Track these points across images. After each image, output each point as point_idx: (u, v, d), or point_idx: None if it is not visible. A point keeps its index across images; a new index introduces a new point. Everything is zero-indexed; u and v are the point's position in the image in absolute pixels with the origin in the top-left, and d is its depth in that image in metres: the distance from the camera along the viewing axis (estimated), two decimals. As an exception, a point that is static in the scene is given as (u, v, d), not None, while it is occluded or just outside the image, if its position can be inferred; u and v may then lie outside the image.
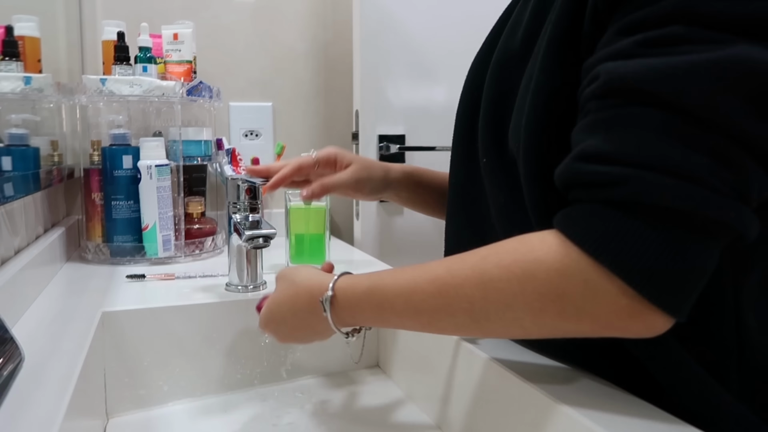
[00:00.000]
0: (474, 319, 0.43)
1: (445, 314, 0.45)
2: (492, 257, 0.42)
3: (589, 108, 0.40)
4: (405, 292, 0.47)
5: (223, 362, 0.74)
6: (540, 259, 0.39)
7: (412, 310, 0.47)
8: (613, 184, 0.36)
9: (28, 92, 0.85)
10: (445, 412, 0.63)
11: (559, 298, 0.38)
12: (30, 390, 0.47)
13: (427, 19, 1.22)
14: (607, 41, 0.40)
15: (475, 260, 0.43)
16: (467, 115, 0.64)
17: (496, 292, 0.41)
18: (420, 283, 0.46)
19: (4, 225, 0.72)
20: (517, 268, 0.40)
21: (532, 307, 0.40)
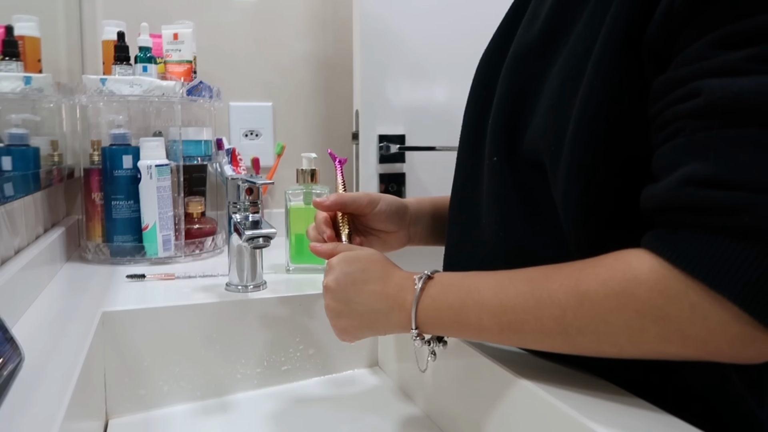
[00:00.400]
0: (563, 328, 0.42)
1: (533, 317, 0.43)
2: (588, 269, 0.41)
3: (685, 126, 0.38)
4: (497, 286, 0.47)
5: (223, 362, 0.74)
6: (639, 278, 0.38)
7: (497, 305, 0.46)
8: (730, 211, 0.35)
9: (28, 92, 0.85)
10: (445, 412, 0.63)
11: (660, 320, 0.38)
12: (30, 390, 0.47)
13: (427, 19, 1.22)
14: (697, 54, 0.38)
15: (570, 269, 0.43)
16: (477, 113, 0.63)
17: (591, 304, 0.40)
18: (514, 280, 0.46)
19: (4, 225, 0.72)
20: (615, 284, 0.39)
21: (630, 325, 0.39)
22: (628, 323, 0.39)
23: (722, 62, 0.37)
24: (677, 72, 0.39)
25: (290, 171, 1.15)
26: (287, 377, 0.78)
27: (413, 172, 1.24)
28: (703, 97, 0.37)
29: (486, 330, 0.47)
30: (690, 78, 0.38)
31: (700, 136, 0.37)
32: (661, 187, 0.39)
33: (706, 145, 0.37)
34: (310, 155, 0.94)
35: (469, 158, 0.63)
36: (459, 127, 0.68)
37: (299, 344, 0.78)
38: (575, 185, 0.46)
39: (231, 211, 0.79)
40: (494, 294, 0.46)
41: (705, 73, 0.37)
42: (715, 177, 0.36)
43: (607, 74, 0.43)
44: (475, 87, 0.65)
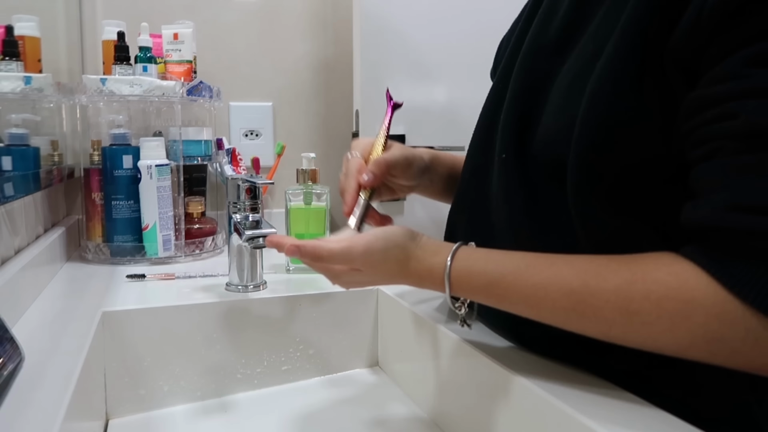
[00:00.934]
0: (607, 336, 0.43)
1: (575, 326, 0.44)
2: (638, 285, 0.40)
3: (723, 146, 0.38)
4: (531, 298, 0.46)
5: (224, 362, 0.74)
6: (697, 301, 0.38)
7: (534, 314, 0.46)
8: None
9: (28, 92, 0.85)
10: (445, 412, 0.63)
11: (714, 341, 0.38)
12: (30, 390, 0.47)
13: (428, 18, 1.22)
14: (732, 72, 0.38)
15: (618, 282, 0.41)
16: (491, 109, 0.62)
17: (642, 326, 0.40)
18: (550, 293, 0.44)
19: (4, 225, 0.72)
20: (670, 306, 0.39)
21: (680, 343, 0.39)
22: (679, 342, 0.39)
23: (761, 82, 0.37)
24: (712, 90, 0.39)
25: (290, 171, 1.15)
26: (287, 377, 0.78)
27: (413, 172, 1.24)
28: (741, 120, 0.37)
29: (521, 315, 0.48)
30: (726, 98, 0.38)
31: (743, 160, 0.37)
32: (706, 207, 0.39)
33: (747, 169, 0.37)
34: (310, 155, 0.94)
35: (479, 153, 0.63)
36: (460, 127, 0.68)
37: (299, 344, 0.78)
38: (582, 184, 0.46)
39: (231, 211, 0.79)
40: (528, 305, 0.46)
41: (742, 93, 0.37)
42: (761, 204, 0.36)
43: (619, 78, 0.43)
44: (495, 83, 0.65)
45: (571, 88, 0.48)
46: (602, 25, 0.47)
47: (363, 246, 0.52)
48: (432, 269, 0.51)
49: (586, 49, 0.48)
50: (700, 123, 0.40)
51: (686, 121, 0.41)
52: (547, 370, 0.50)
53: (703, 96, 0.40)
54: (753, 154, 0.37)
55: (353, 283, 0.57)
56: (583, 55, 0.48)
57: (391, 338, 0.79)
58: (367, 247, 0.52)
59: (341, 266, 0.54)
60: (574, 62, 0.49)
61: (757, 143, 0.36)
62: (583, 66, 0.47)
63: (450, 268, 0.50)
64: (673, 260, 0.40)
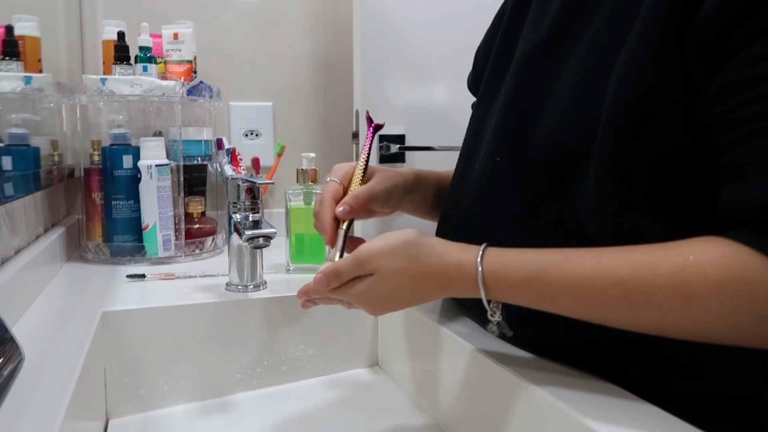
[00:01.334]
0: (659, 328, 0.41)
1: (625, 318, 0.42)
2: (693, 269, 0.39)
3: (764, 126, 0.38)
4: (577, 290, 0.43)
5: (224, 362, 0.74)
6: (758, 282, 0.37)
7: (582, 308, 0.43)
8: None
9: (28, 92, 0.85)
10: (445, 412, 0.63)
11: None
12: (30, 390, 0.47)
13: (428, 18, 1.22)
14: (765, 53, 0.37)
15: (670, 267, 0.40)
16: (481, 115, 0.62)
17: (701, 311, 0.39)
18: (598, 283, 0.42)
19: (4, 225, 0.72)
20: (729, 289, 0.38)
21: (740, 326, 0.38)
22: (739, 325, 0.38)
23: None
24: (746, 71, 0.38)
25: (290, 171, 1.15)
26: (287, 377, 0.78)
27: (413, 172, 1.24)
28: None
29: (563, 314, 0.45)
30: (761, 78, 0.38)
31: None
32: (753, 190, 0.38)
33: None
34: (310, 155, 0.94)
35: (467, 159, 0.63)
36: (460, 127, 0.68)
37: (299, 344, 0.78)
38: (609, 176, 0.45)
39: (231, 210, 0.79)
40: (574, 299, 0.43)
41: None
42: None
43: (646, 66, 0.43)
44: (483, 91, 0.65)
45: (586, 82, 0.47)
46: (613, 17, 0.46)
47: (367, 247, 0.51)
48: (461, 265, 0.47)
49: (598, 43, 0.48)
50: (734, 105, 0.39)
51: (716, 106, 0.40)
52: (547, 370, 0.50)
53: (736, 78, 0.39)
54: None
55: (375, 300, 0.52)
56: (596, 48, 0.48)
57: (391, 338, 0.79)
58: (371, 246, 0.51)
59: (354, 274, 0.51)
60: (585, 57, 0.48)
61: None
62: (601, 57, 0.46)
63: (482, 262, 0.46)
64: (723, 244, 0.39)
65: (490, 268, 0.46)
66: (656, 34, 0.42)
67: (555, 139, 0.49)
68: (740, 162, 0.39)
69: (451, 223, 0.65)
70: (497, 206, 0.56)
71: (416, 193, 0.71)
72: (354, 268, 0.51)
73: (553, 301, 0.44)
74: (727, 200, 0.40)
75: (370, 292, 0.51)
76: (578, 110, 0.47)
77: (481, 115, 0.62)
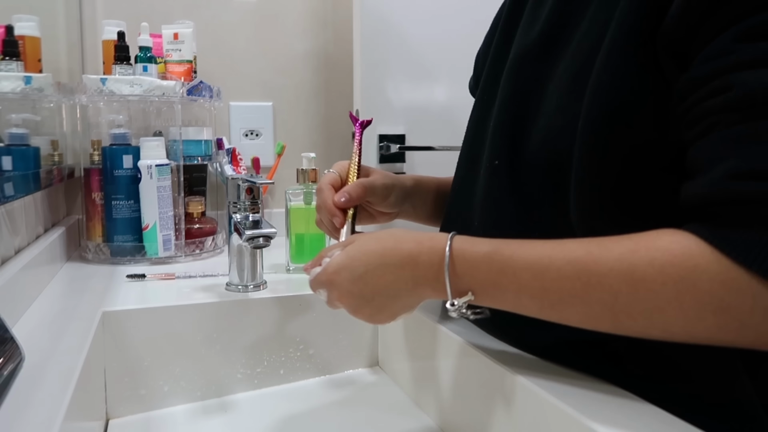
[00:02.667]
0: (612, 314, 0.41)
1: (579, 301, 0.42)
2: (641, 252, 0.39)
3: (719, 120, 0.38)
4: (535, 266, 0.43)
5: (224, 362, 0.74)
6: (701, 268, 0.37)
7: (538, 288, 0.44)
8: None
9: (28, 92, 0.85)
10: (445, 412, 0.63)
11: (721, 311, 0.37)
12: (30, 390, 0.47)
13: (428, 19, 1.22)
14: (722, 48, 0.38)
15: (621, 251, 0.40)
16: (479, 117, 0.63)
17: (647, 293, 0.39)
18: (555, 260, 0.43)
19: (4, 225, 0.72)
20: (673, 272, 0.38)
21: (688, 314, 0.38)
22: (685, 312, 0.38)
23: (751, 55, 0.37)
24: (703, 68, 0.39)
25: (290, 171, 1.15)
26: (287, 377, 0.78)
27: (413, 172, 1.24)
28: (735, 90, 0.37)
29: (524, 309, 0.46)
30: (718, 73, 0.38)
31: (739, 130, 0.37)
32: (704, 182, 0.39)
33: (745, 138, 0.37)
34: (310, 155, 0.94)
35: (469, 164, 0.63)
36: (460, 127, 0.68)
37: (299, 344, 0.78)
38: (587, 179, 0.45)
39: (231, 210, 0.79)
40: (532, 275, 0.44)
41: (734, 66, 0.37)
42: (760, 169, 0.36)
43: (617, 69, 0.43)
44: (479, 93, 0.65)
45: (571, 88, 0.48)
46: (595, 21, 0.47)
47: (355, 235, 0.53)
48: (433, 237, 0.49)
49: (581, 48, 0.48)
50: (693, 102, 0.40)
51: (680, 104, 0.41)
52: (548, 370, 0.50)
53: (694, 76, 0.40)
54: (749, 123, 0.37)
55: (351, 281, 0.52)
56: (579, 53, 0.48)
57: (391, 338, 0.79)
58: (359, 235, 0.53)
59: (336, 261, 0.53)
60: (571, 62, 0.49)
61: (752, 112, 0.37)
62: (581, 64, 0.47)
63: (452, 238, 0.48)
64: (675, 232, 0.40)
65: (458, 243, 0.48)
66: (627, 37, 0.43)
67: (546, 145, 0.50)
68: (695, 156, 0.40)
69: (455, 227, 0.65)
70: (495, 211, 0.56)
71: (416, 197, 0.72)
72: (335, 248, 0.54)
73: (513, 276, 0.45)
74: (683, 193, 0.41)
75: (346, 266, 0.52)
76: (565, 115, 0.48)
77: (481, 119, 0.62)
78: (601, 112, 0.44)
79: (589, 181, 0.45)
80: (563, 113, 0.48)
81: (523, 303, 0.45)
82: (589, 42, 0.47)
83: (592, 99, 0.45)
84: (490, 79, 0.62)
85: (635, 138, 0.43)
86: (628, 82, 0.43)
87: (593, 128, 0.45)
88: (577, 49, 0.49)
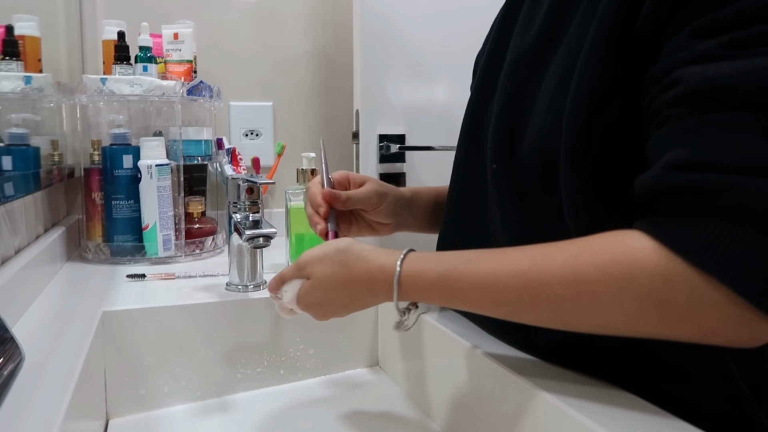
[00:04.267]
0: (560, 317, 0.42)
1: (528, 310, 0.43)
2: (584, 255, 0.40)
3: (670, 114, 0.39)
4: (482, 285, 0.45)
5: (224, 362, 0.74)
6: (640, 262, 0.38)
7: (488, 302, 0.45)
8: (714, 192, 0.35)
9: (28, 92, 0.85)
10: (445, 412, 0.63)
11: (661, 304, 0.37)
12: (30, 390, 0.47)
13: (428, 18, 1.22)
14: (679, 44, 0.39)
15: (565, 257, 0.41)
16: (475, 120, 0.63)
17: (590, 295, 0.40)
18: (501, 276, 0.44)
19: (4, 224, 0.72)
20: (615, 270, 0.39)
21: (629, 311, 0.39)
22: (627, 310, 0.39)
23: (699, 50, 0.38)
24: (662, 63, 0.40)
25: (290, 171, 1.15)
26: (287, 377, 0.78)
27: (413, 172, 1.24)
28: (682, 85, 0.38)
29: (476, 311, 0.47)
30: (671, 68, 0.39)
31: (681, 123, 0.38)
32: (648, 175, 0.40)
33: (686, 131, 0.38)
34: (310, 155, 0.94)
35: (468, 163, 0.63)
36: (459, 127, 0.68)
37: (299, 344, 0.78)
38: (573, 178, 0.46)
39: (231, 210, 0.79)
40: (481, 294, 0.45)
41: (684, 61, 0.38)
42: (696, 160, 0.36)
43: (597, 68, 0.44)
44: (474, 95, 0.65)
45: (558, 89, 0.48)
46: (581, 23, 0.48)
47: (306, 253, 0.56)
48: (383, 266, 0.51)
49: (568, 49, 0.49)
50: (651, 97, 0.41)
51: (643, 98, 0.42)
52: (547, 370, 0.50)
53: (654, 71, 0.41)
54: (691, 117, 0.37)
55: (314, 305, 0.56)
56: (567, 54, 0.49)
57: (391, 338, 0.79)
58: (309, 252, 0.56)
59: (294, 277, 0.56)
60: (559, 63, 0.50)
61: (694, 107, 0.37)
62: (567, 65, 0.48)
63: (402, 264, 0.50)
64: (620, 232, 0.40)
65: (407, 270, 0.50)
66: (607, 35, 0.44)
67: (537, 146, 0.50)
68: (649, 149, 0.41)
69: (457, 229, 0.65)
70: (494, 213, 0.56)
71: (415, 208, 0.74)
72: (294, 273, 0.56)
73: (464, 297, 0.47)
74: (634, 188, 0.42)
75: (307, 298, 0.55)
76: (554, 116, 0.48)
77: (476, 121, 0.62)
78: (581, 108, 0.45)
79: (574, 180, 0.46)
80: (552, 113, 0.49)
81: (477, 312, 0.47)
82: (576, 43, 0.48)
83: (573, 96, 0.45)
84: (485, 81, 0.63)
85: (615, 135, 0.44)
86: (608, 78, 0.44)
87: (575, 125, 0.45)
88: (565, 50, 0.49)
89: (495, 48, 0.63)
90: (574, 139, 0.45)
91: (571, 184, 0.46)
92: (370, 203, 0.68)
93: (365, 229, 0.72)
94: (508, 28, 0.61)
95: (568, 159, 0.46)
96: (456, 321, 0.64)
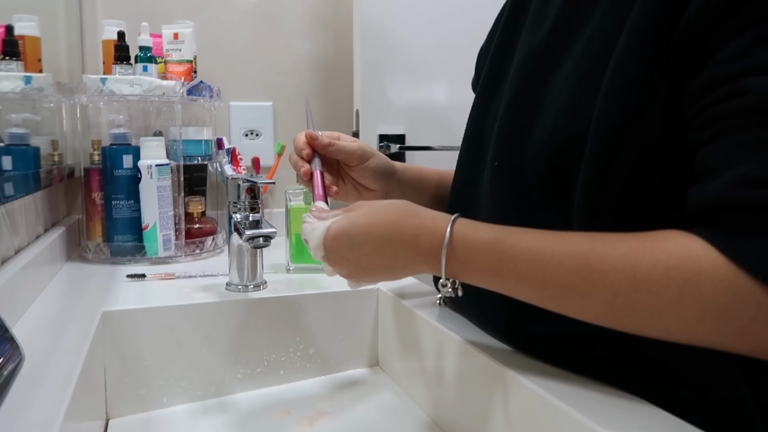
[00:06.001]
0: (611, 310, 0.41)
1: (578, 296, 0.42)
2: (646, 253, 0.39)
3: (729, 125, 0.38)
4: (535, 258, 0.43)
5: (224, 362, 0.74)
6: (706, 272, 0.37)
7: (537, 279, 0.43)
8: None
9: (28, 92, 0.85)
10: (446, 412, 0.63)
11: (722, 316, 0.37)
12: (30, 390, 0.47)
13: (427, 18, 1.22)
14: (737, 53, 0.38)
15: (625, 250, 0.40)
16: (480, 118, 0.62)
17: (648, 294, 0.39)
18: (557, 254, 0.43)
19: (4, 224, 0.72)
20: (678, 276, 0.38)
21: (687, 317, 0.38)
22: (685, 315, 0.38)
23: (765, 60, 0.37)
24: (717, 71, 0.39)
25: (290, 171, 1.15)
26: (287, 377, 0.78)
27: (413, 172, 1.24)
28: (751, 95, 0.37)
29: (521, 296, 0.46)
30: (732, 77, 0.38)
31: (751, 135, 0.37)
32: (714, 187, 0.38)
33: (759, 144, 0.37)
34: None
35: (470, 163, 0.63)
36: (460, 127, 0.68)
37: (299, 344, 0.78)
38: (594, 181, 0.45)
39: (231, 210, 0.79)
40: (533, 267, 0.44)
41: (749, 71, 0.37)
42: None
43: (630, 70, 0.43)
44: (479, 92, 0.65)
45: (582, 86, 0.47)
46: (607, 21, 0.47)
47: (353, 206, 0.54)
48: (435, 217, 0.49)
49: (591, 47, 0.48)
50: (706, 105, 0.40)
51: (692, 106, 0.41)
52: (548, 370, 0.50)
53: (709, 78, 0.39)
54: (763, 129, 0.36)
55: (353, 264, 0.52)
56: (590, 52, 0.48)
57: (391, 338, 0.79)
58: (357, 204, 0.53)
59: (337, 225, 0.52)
60: (581, 61, 0.48)
61: (766, 119, 0.36)
62: (595, 63, 0.47)
63: (455, 219, 0.48)
64: (681, 234, 0.40)
65: (460, 226, 0.48)
66: (642, 39, 0.43)
67: (551, 146, 0.49)
68: (705, 161, 0.40)
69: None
70: (496, 212, 0.56)
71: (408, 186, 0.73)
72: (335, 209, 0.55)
73: (513, 268, 0.45)
74: (691, 197, 0.41)
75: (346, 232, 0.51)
76: (573, 116, 0.47)
77: (482, 118, 0.62)
78: (614, 113, 0.44)
79: (596, 183, 0.45)
80: (572, 113, 0.48)
81: (521, 291, 0.46)
82: (600, 42, 0.47)
83: (605, 100, 0.44)
84: (491, 79, 0.62)
85: (645, 139, 0.43)
86: (642, 83, 0.43)
87: (606, 130, 0.44)
88: (586, 49, 0.48)
89: (501, 45, 0.62)
90: (603, 143, 0.44)
91: (590, 186, 0.45)
92: (353, 157, 0.68)
93: (351, 191, 0.72)
94: (516, 24, 0.60)
95: (593, 161, 0.45)
96: (456, 321, 0.64)
